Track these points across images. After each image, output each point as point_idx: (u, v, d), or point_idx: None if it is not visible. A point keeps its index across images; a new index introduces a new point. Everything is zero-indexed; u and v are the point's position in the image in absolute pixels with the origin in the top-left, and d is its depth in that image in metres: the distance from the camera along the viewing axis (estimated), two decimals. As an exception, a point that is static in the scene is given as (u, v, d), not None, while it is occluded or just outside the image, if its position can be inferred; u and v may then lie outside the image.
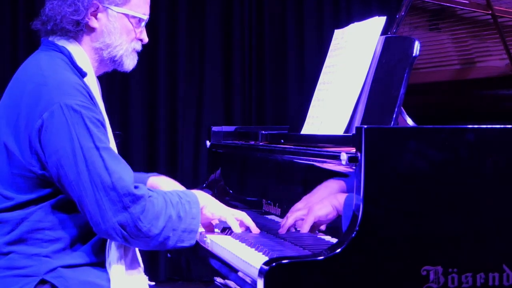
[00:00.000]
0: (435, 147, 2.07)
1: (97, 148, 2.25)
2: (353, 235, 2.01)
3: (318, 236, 2.39)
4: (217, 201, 2.55)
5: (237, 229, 2.51)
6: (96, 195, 2.23)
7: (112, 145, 2.42)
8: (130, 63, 2.52)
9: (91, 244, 2.36)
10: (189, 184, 5.50)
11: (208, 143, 3.36)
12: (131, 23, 2.49)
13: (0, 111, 2.40)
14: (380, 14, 2.65)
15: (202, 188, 3.30)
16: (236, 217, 2.52)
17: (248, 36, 5.72)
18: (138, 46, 2.54)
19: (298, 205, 2.48)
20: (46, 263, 2.32)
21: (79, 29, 2.42)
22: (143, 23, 2.53)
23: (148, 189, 2.33)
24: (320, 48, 5.44)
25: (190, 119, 5.67)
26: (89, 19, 2.42)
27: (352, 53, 2.66)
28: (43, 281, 2.30)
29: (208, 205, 2.49)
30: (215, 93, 5.70)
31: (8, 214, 2.34)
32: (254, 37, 5.72)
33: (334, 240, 2.28)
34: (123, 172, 2.27)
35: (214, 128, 3.35)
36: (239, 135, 3.31)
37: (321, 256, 1.99)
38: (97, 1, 2.42)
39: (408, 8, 2.83)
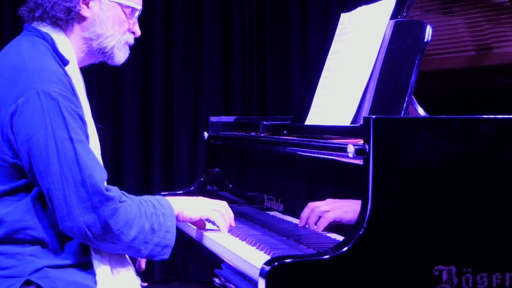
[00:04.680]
0: (448, 138, 2.07)
1: (71, 140, 2.26)
2: (361, 232, 2.01)
3: (324, 234, 2.40)
4: (194, 201, 2.55)
5: (223, 229, 2.53)
6: (64, 190, 2.24)
7: (94, 139, 2.43)
8: (121, 56, 2.56)
9: (77, 243, 2.35)
10: (186, 178, 5.55)
11: (206, 134, 3.36)
12: (124, 13, 2.53)
13: None
14: (389, -3, 2.64)
15: (199, 184, 3.30)
16: (218, 211, 2.54)
17: (249, 20, 5.71)
18: (131, 39, 2.58)
19: (320, 202, 2.46)
20: (31, 263, 2.31)
21: (70, 17, 2.45)
22: (136, 13, 2.56)
23: (122, 193, 2.33)
24: (326, 33, 5.42)
25: (186, 109, 5.66)
26: (80, 7, 2.45)
27: (360, 38, 2.66)
28: (28, 282, 2.30)
29: (185, 209, 2.49)
30: (214, 81, 5.68)
31: None
32: (255, 21, 5.71)
33: (340, 238, 2.28)
34: (95, 169, 2.27)
35: (212, 119, 3.35)
36: (239, 126, 3.31)
37: (326, 255, 1.99)
38: None
39: (420, -10, 2.83)
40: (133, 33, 2.58)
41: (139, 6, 2.56)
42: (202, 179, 3.33)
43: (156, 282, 5.48)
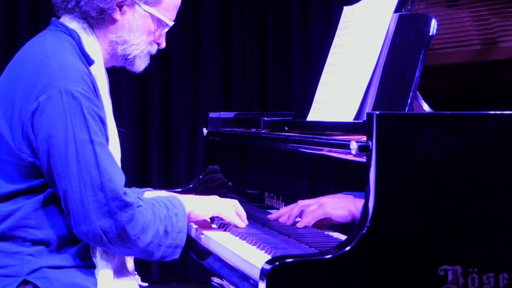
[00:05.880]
0: (453, 135, 2.07)
1: (92, 142, 2.26)
2: (364, 231, 2.00)
3: (326, 233, 2.39)
4: (205, 200, 2.57)
5: (240, 223, 2.55)
6: (82, 193, 2.24)
7: (115, 142, 2.44)
8: (141, 65, 2.58)
9: (79, 247, 2.36)
10: (185, 176, 5.55)
11: (205, 130, 3.35)
12: (154, 25, 2.53)
13: None
14: (393, -11, 2.64)
15: (197, 181, 3.30)
16: (229, 209, 2.56)
17: (249, 14, 5.70)
18: (154, 50, 2.60)
19: (309, 201, 2.46)
20: (29, 263, 2.31)
21: (101, 17, 2.45)
22: (166, 29, 2.57)
23: (138, 198, 2.34)
24: (328, 27, 5.42)
25: (185, 105, 5.66)
26: (114, 10, 2.45)
27: (363, 32, 2.65)
28: (25, 282, 2.30)
29: (195, 208, 2.51)
30: (213, 76, 5.68)
31: None
32: (255, 15, 5.71)
33: (343, 237, 2.27)
34: (115, 174, 2.27)
35: (212, 115, 3.35)
36: (239, 122, 3.31)
37: (328, 254, 1.99)
38: None
39: (424, -17, 2.82)
40: (158, 44, 2.59)
41: (171, 23, 2.56)
42: (201, 176, 3.33)
43: (154, 282, 5.48)
